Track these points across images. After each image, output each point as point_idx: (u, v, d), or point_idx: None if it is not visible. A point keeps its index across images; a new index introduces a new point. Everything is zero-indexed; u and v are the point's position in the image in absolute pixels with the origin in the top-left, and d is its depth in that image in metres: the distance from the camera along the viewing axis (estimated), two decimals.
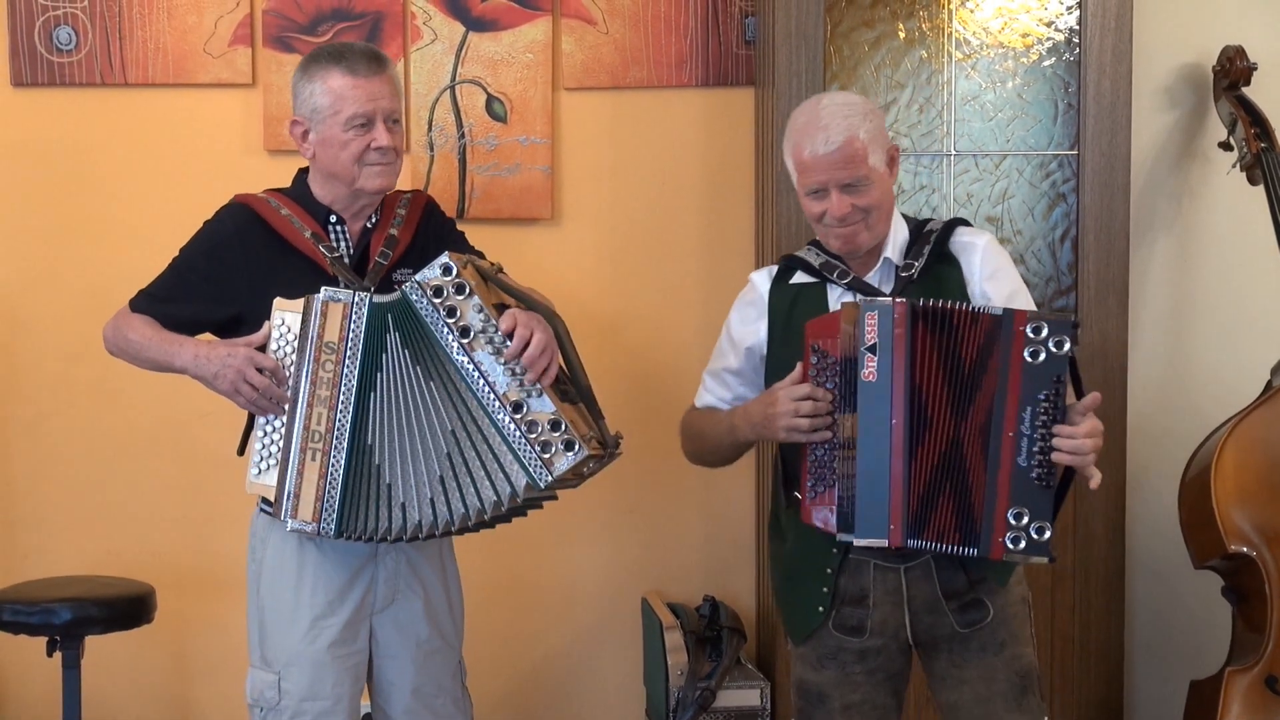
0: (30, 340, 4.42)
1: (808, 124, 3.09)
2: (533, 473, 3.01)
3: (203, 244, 3.26)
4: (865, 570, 3.11)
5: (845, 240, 3.10)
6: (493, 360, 3.01)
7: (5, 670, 4.45)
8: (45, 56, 4.35)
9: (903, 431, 2.92)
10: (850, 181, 3.05)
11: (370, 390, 3.04)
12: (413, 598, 3.26)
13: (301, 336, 3.06)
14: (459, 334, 3.01)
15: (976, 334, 2.91)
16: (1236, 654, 3.96)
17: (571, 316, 4.42)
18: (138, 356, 3.25)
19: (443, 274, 3.02)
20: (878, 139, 3.08)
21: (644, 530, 4.57)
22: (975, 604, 3.07)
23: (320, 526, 3.05)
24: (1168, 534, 4.19)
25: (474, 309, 3.02)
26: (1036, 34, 4.22)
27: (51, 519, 4.45)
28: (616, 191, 4.51)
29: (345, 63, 3.16)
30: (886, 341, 2.92)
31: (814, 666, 3.18)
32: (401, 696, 3.28)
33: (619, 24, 4.46)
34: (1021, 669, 3.10)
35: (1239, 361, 4.43)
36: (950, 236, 3.17)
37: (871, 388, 2.93)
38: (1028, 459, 2.87)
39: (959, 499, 2.92)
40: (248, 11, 4.38)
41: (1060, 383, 2.86)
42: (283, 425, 3.09)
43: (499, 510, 3.06)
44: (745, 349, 3.27)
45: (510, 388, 3.01)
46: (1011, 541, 2.87)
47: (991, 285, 3.11)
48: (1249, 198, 4.31)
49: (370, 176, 3.18)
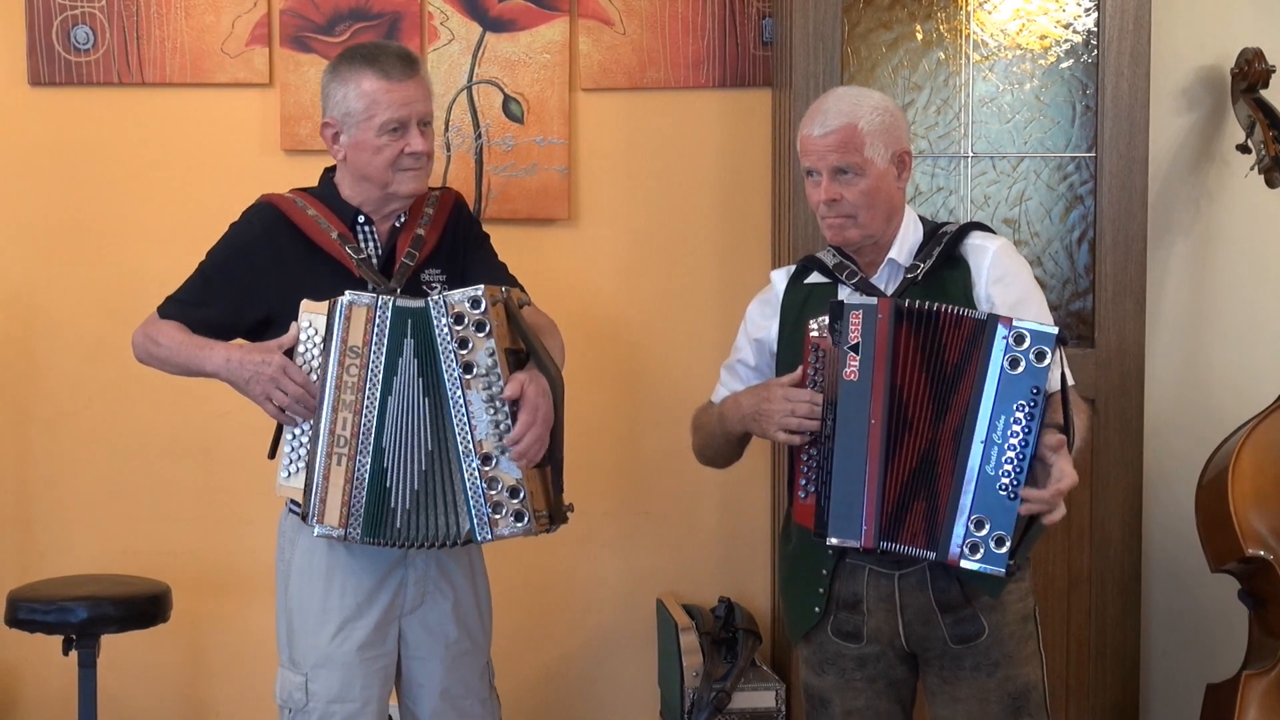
0: (48, 339, 4.43)
1: (814, 108, 3.13)
2: (476, 526, 3.04)
3: (230, 246, 3.25)
4: (860, 575, 3.10)
5: (834, 231, 3.10)
6: (483, 405, 3.02)
7: (21, 669, 4.46)
8: (63, 56, 4.36)
9: (880, 432, 2.91)
10: (840, 166, 3.05)
11: (389, 395, 3.04)
12: (442, 600, 3.25)
13: (326, 340, 3.05)
14: (461, 368, 3.01)
15: (959, 337, 2.90)
16: (1253, 658, 3.96)
17: (587, 317, 4.47)
18: (168, 362, 3.23)
19: (470, 305, 3.01)
20: (883, 135, 3.07)
21: (659, 532, 4.57)
22: (970, 619, 3.05)
23: (348, 532, 3.04)
24: (1184, 537, 4.18)
25: (486, 351, 3.02)
26: (1054, 36, 4.21)
27: (68, 517, 4.45)
28: (633, 192, 4.51)
29: (379, 65, 3.13)
30: (869, 341, 2.91)
31: (816, 671, 3.19)
32: (430, 698, 3.27)
33: (636, 25, 4.46)
34: (1016, 690, 3.07)
35: (1256, 364, 4.42)
36: (963, 240, 3.15)
37: (852, 387, 2.92)
38: (996, 468, 2.84)
39: (929, 503, 2.91)
40: (265, 11, 4.38)
41: (1038, 394, 2.83)
42: (310, 429, 3.08)
43: (448, 544, 3.08)
44: (756, 341, 3.28)
45: (488, 438, 3.03)
46: (969, 549, 2.85)
47: (998, 290, 3.08)
48: (1267, 200, 4.30)
49: (404, 181, 3.17)
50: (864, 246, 3.14)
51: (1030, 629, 3.13)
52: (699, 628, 4.24)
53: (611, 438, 4.54)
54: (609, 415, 4.53)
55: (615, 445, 4.55)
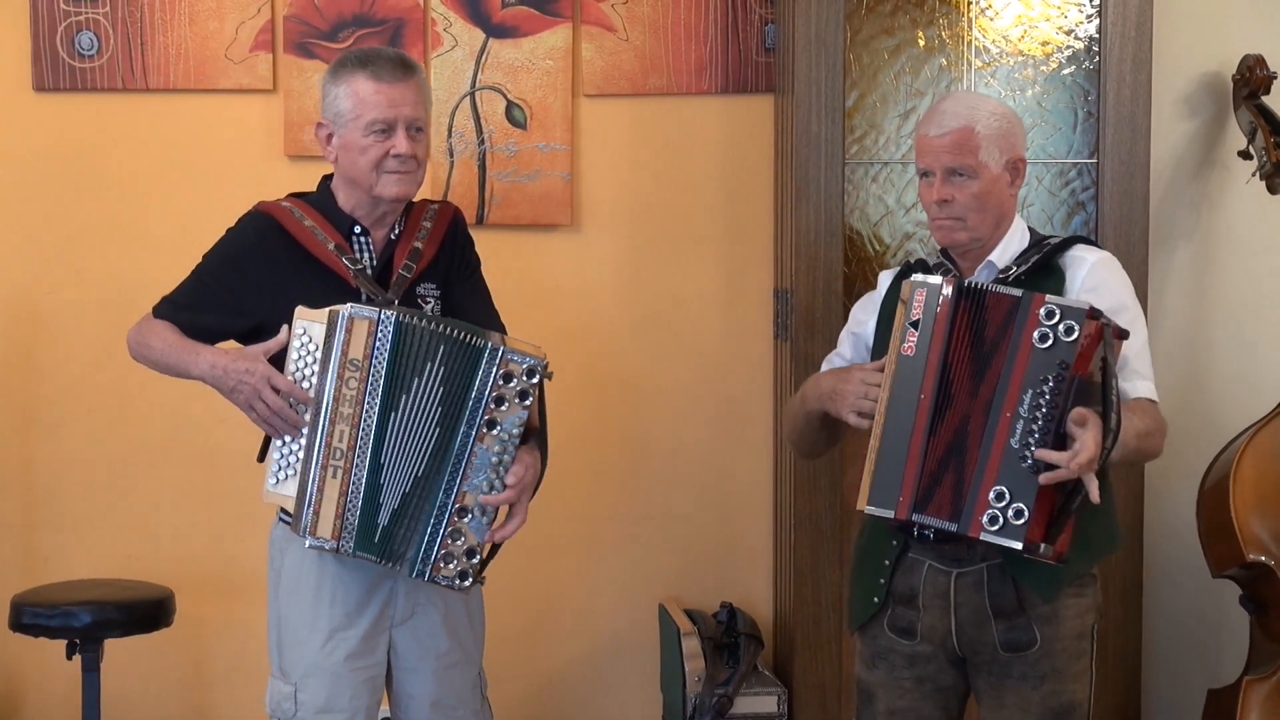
0: (51, 345, 4.44)
1: (932, 109, 3.15)
2: (420, 561, 3.05)
3: (224, 253, 3.24)
4: (918, 570, 3.12)
5: (943, 232, 3.13)
6: (487, 464, 3.03)
7: (25, 673, 4.47)
8: (67, 62, 4.37)
9: (928, 407, 2.94)
10: (954, 167, 3.07)
11: (391, 410, 3.04)
12: (432, 611, 3.24)
13: (325, 351, 3.03)
14: (486, 423, 3.02)
15: (1000, 313, 2.92)
16: (1254, 663, 3.96)
17: (589, 322, 4.49)
18: (158, 363, 3.24)
19: (527, 375, 3.01)
20: (999, 140, 3.08)
21: (662, 537, 4.57)
22: (1023, 628, 3.05)
23: (340, 544, 3.04)
24: (1186, 542, 4.18)
25: (515, 420, 3.02)
26: (1056, 42, 4.22)
27: (71, 522, 4.46)
28: (636, 198, 4.52)
29: (371, 68, 3.13)
30: (929, 318, 2.95)
31: (867, 664, 3.21)
32: (420, 709, 3.26)
33: (639, 31, 4.46)
34: (1060, 706, 3.07)
35: (1258, 370, 4.42)
36: (1065, 251, 3.15)
37: (908, 362, 2.96)
38: (1021, 441, 2.85)
39: (956, 474, 2.92)
40: (269, 17, 4.39)
41: (1065, 368, 2.83)
42: (303, 437, 3.09)
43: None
44: (854, 335, 3.31)
45: (473, 491, 3.04)
46: (989, 521, 2.86)
47: (1089, 298, 3.04)
48: (1268, 206, 4.30)
49: (388, 184, 3.15)
50: (969, 250, 3.15)
51: (1084, 646, 3.12)
52: (701, 632, 4.24)
53: (614, 443, 4.55)
54: (611, 420, 4.54)
55: (617, 450, 4.55)
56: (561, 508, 4.48)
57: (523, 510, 3.11)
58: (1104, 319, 2.89)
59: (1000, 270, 3.12)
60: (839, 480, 4.09)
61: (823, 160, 4.11)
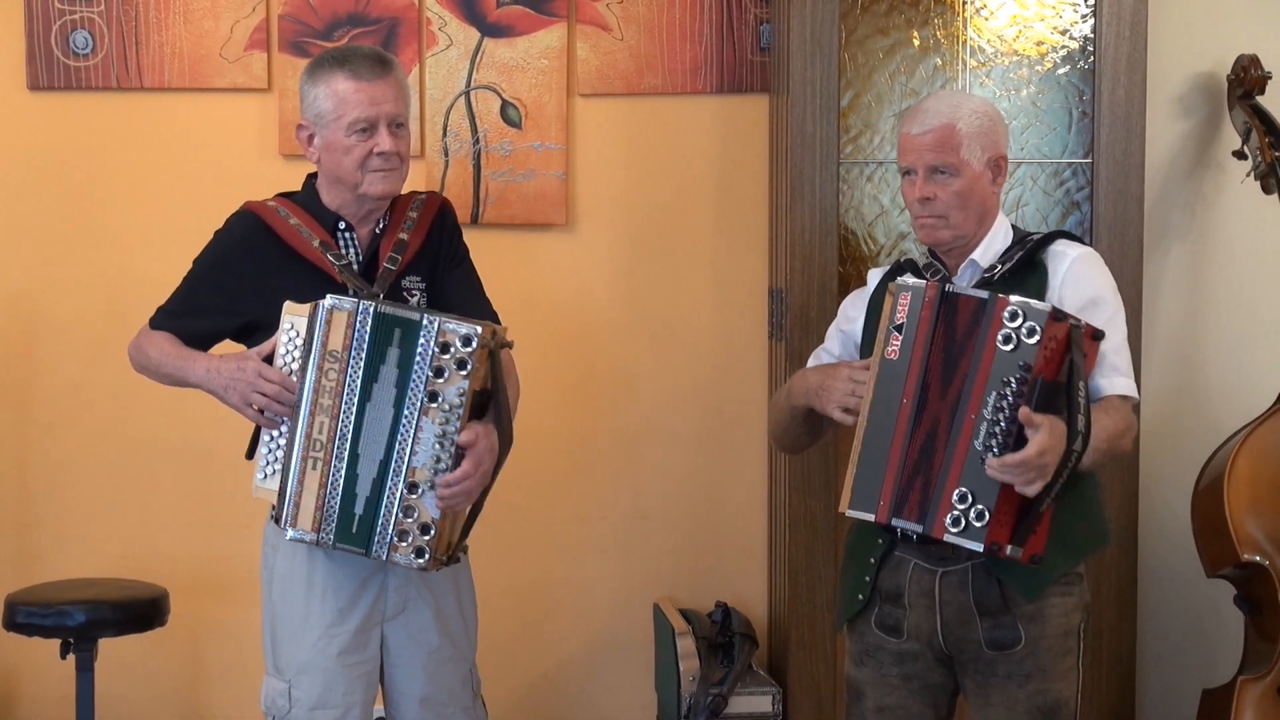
0: (47, 343, 4.44)
1: (914, 107, 3.16)
2: (374, 543, 3.04)
3: (213, 255, 3.27)
4: (904, 568, 3.12)
5: (926, 231, 3.13)
6: (433, 437, 3.01)
7: (19, 672, 4.47)
8: (62, 60, 4.37)
9: (909, 411, 2.96)
10: (936, 165, 3.08)
11: (368, 401, 3.04)
12: (424, 606, 3.25)
13: (306, 344, 3.06)
14: (426, 395, 3.01)
15: (966, 316, 2.93)
16: (1249, 663, 3.96)
17: (584, 322, 4.48)
18: (157, 373, 3.29)
19: (461, 342, 3.00)
20: (980, 137, 3.09)
21: (656, 537, 4.57)
22: (1007, 626, 3.05)
23: (320, 536, 3.05)
24: (1180, 542, 4.19)
25: (457, 390, 3.00)
26: (1051, 42, 4.22)
27: (66, 521, 4.46)
28: (630, 198, 4.52)
29: (349, 66, 3.14)
30: (913, 322, 2.96)
31: (856, 661, 3.22)
32: (410, 705, 3.27)
33: (634, 31, 4.46)
34: (1046, 704, 3.07)
35: (1252, 370, 4.42)
36: (1047, 246, 3.16)
37: (891, 365, 2.98)
38: (984, 443, 2.86)
39: (925, 477, 2.94)
40: (263, 16, 4.39)
41: (1026, 370, 2.84)
42: (287, 432, 3.10)
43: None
44: (842, 333, 3.32)
45: (423, 468, 3.02)
46: (951, 522, 2.88)
47: (1069, 292, 3.08)
48: (1263, 206, 4.30)
49: (374, 182, 3.17)
50: (954, 248, 3.16)
51: (1071, 645, 3.12)
52: (696, 632, 4.24)
53: (608, 442, 4.55)
54: (605, 420, 4.54)
55: (611, 450, 4.55)
56: (556, 507, 4.49)
57: (478, 476, 3.05)
58: (1071, 320, 2.89)
59: (984, 269, 3.13)
60: (833, 480, 4.08)
61: (818, 160, 4.11)
